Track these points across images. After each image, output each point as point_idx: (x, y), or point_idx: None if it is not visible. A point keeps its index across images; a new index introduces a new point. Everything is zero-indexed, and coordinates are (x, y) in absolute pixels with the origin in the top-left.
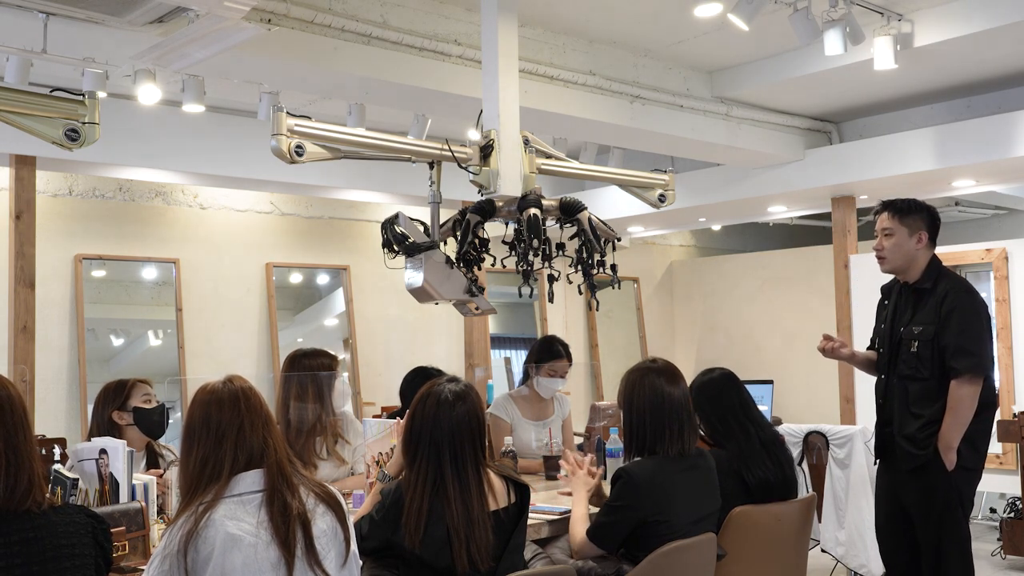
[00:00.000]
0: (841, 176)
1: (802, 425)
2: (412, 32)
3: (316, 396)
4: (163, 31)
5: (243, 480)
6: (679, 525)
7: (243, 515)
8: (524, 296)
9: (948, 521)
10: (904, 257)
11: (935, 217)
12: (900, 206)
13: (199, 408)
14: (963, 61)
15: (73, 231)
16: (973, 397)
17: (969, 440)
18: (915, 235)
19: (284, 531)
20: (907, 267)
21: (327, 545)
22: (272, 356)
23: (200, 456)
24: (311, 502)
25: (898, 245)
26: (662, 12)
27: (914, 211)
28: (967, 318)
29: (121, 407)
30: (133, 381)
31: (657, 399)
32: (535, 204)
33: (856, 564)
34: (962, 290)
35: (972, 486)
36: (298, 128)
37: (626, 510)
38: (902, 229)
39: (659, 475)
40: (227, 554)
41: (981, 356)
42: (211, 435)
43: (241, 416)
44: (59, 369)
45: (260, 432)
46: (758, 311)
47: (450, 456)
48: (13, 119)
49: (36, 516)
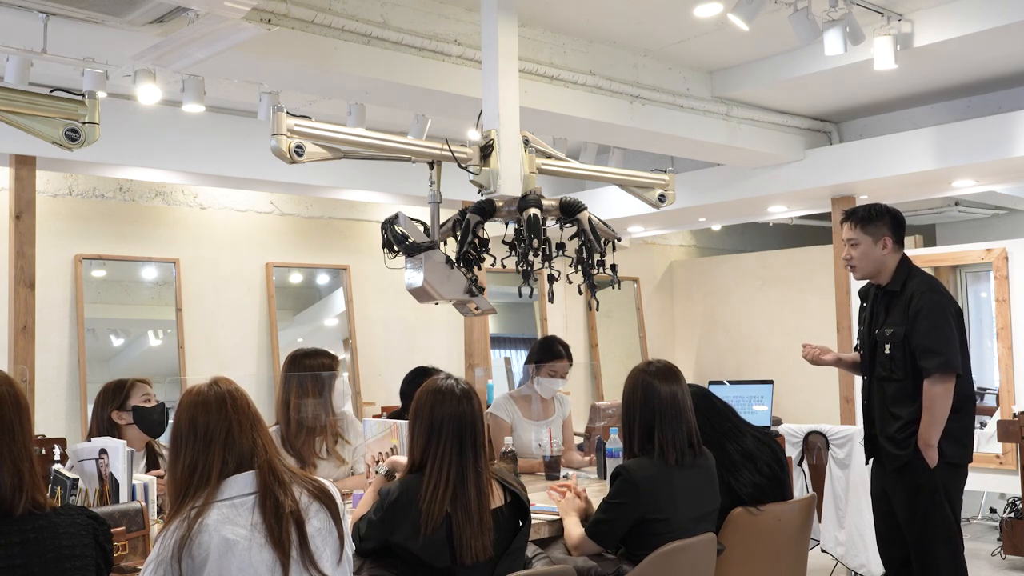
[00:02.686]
0: (841, 176)
1: (802, 425)
2: (412, 32)
3: (317, 396)
4: (163, 31)
5: (235, 483)
6: (678, 523)
7: (236, 518)
8: (524, 296)
9: (934, 518)
10: (872, 263)
11: (898, 219)
12: (861, 215)
13: (185, 412)
14: (963, 61)
15: (73, 231)
16: (946, 395)
17: (951, 436)
18: (879, 241)
19: (278, 531)
20: (877, 272)
21: (322, 544)
22: (272, 356)
23: (188, 461)
24: (304, 500)
25: (864, 253)
26: (662, 12)
27: (875, 218)
28: (932, 318)
29: (121, 407)
30: (132, 381)
31: (652, 400)
32: (535, 204)
33: (856, 564)
34: (927, 289)
35: (959, 482)
36: (298, 128)
37: (624, 507)
38: (866, 238)
39: (658, 473)
40: (223, 559)
41: (948, 354)
42: (199, 439)
43: (228, 419)
44: (59, 369)
45: (249, 434)
46: (758, 311)
47: (471, 447)
48: (13, 119)
49: (37, 517)
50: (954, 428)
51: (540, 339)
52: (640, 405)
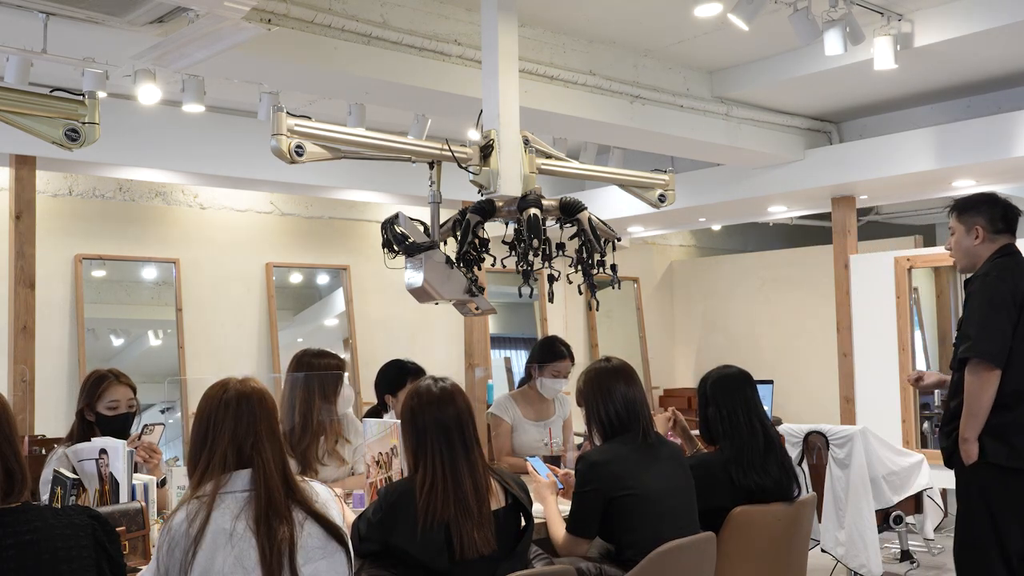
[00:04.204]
0: (841, 176)
1: (802, 425)
2: (412, 32)
3: (322, 397)
4: (163, 31)
5: (238, 478)
6: (651, 496)
7: (237, 511)
8: (524, 296)
9: (966, 521)
10: (965, 254)
11: (996, 207)
12: (960, 204)
13: (202, 403)
14: (963, 61)
15: (73, 231)
16: (979, 385)
17: (994, 433)
18: (972, 230)
19: (269, 559)
20: (972, 263)
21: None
22: (272, 356)
23: (197, 450)
24: (310, 543)
25: (957, 243)
26: (662, 12)
27: (971, 207)
28: (976, 300)
29: (90, 405)
30: (109, 383)
31: (606, 394)
32: (535, 204)
33: (856, 564)
34: (981, 275)
35: (1007, 487)
36: (298, 128)
37: (591, 493)
38: (959, 226)
39: (616, 453)
40: (217, 551)
41: (981, 340)
42: (210, 431)
43: (238, 418)
44: (59, 369)
45: (252, 440)
46: (758, 311)
47: (461, 444)
48: (13, 119)
49: (33, 518)
50: (1000, 424)
51: (541, 340)
52: (593, 399)
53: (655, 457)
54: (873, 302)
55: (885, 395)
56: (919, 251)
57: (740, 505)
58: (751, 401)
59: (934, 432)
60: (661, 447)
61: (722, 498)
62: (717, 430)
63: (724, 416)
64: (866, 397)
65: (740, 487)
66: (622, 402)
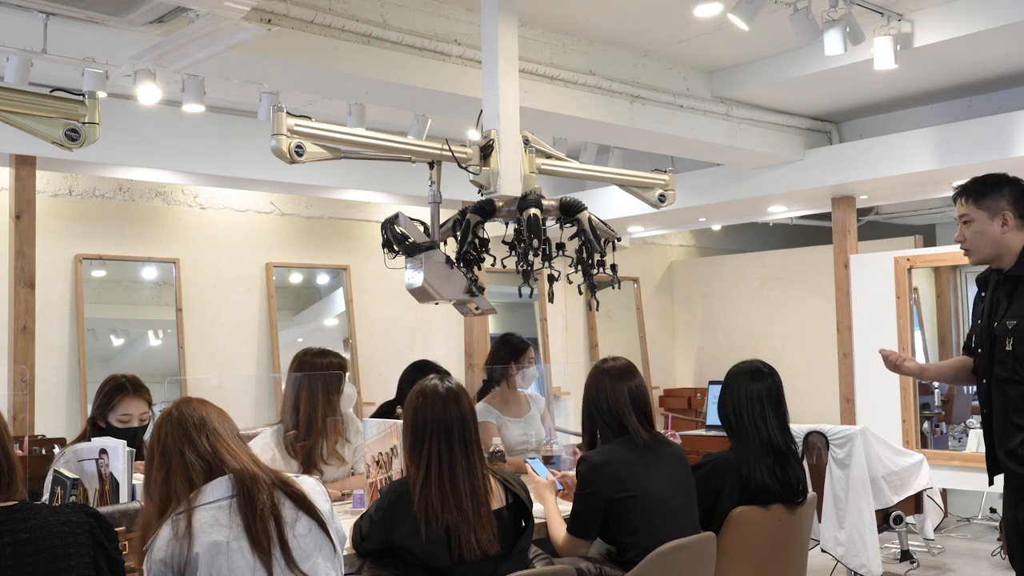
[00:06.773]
0: (841, 176)
1: (802, 425)
2: (412, 32)
3: (324, 396)
4: (163, 31)
5: (215, 487)
6: (651, 497)
7: (221, 519)
8: (524, 296)
9: None
10: (990, 244)
11: (1018, 188)
12: (975, 188)
13: (160, 430)
14: (963, 61)
15: (73, 231)
16: None
17: None
18: (997, 217)
19: (255, 530)
20: (997, 254)
21: (312, 548)
22: (272, 356)
23: (162, 477)
24: (289, 512)
25: (979, 232)
26: (662, 12)
27: (992, 189)
28: None
29: (103, 414)
30: (123, 396)
31: (602, 394)
32: (535, 204)
33: (856, 564)
34: None
35: None
36: (298, 128)
37: (592, 494)
38: (980, 213)
39: (617, 455)
40: (213, 561)
41: None
42: (164, 456)
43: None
44: (59, 369)
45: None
46: (758, 311)
47: (460, 443)
48: (13, 119)
49: (31, 516)
50: None
51: (500, 340)
52: (592, 400)
53: (656, 459)
54: (873, 302)
55: (885, 395)
56: (919, 251)
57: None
58: (763, 395)
59: (934, 432)
60: (662, 448)
61: (732, 500)
62: (728, 424)
63: (733, 410)
64: (866, 397)
65: (747, 488)
66: (626, 402)
